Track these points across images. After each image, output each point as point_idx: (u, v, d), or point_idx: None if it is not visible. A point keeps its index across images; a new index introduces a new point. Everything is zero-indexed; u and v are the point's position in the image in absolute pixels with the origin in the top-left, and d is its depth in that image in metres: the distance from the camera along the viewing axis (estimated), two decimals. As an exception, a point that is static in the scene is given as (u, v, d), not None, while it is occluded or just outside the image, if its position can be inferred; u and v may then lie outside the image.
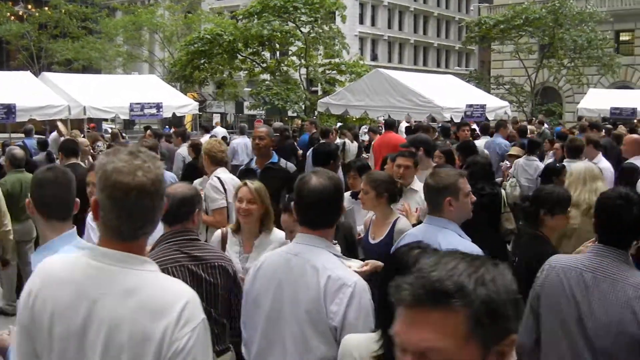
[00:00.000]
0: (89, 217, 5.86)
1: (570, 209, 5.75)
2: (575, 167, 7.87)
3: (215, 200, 7.89)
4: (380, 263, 5.80)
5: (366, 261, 5.87)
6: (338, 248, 5.11)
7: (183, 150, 15.38)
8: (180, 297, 2.56)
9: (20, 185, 9.85)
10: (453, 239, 4.75)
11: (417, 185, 7.57)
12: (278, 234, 5.82)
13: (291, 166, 9.43)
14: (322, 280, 3.65)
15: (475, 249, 4.68)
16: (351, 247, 6.28)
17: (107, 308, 2.50)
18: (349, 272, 3.80)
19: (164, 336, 2.46)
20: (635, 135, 12.67)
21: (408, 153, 8.15)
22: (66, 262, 2.68)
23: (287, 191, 8.17)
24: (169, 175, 10.33)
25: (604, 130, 18.41)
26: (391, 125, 16.22)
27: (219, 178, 8.08)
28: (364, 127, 29.73)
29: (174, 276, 3.87)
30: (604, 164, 10.37)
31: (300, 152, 17.94)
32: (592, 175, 7.39)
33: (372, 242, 6.17)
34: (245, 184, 5.93)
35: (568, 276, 4.21)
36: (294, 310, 3.73)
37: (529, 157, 12.81)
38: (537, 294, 4.39)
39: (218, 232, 6.15)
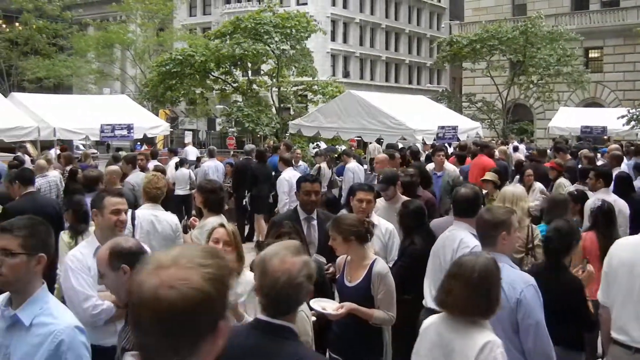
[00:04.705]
0: (68, 257, 5.77)
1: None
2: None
3: None
4: (356, 306, 5.80)
5: (342, 303, 5.86)
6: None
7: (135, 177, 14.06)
8: None
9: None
10: (509, 271, 5.09)
11: (375, 219, 7.67)
12: (248, 276, 5.75)
13: None
14: None
15: (528, 279, 5.20)
16: (322, 286, 6.21)
17: None
18: None
19: None
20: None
21: (367, 187, 8.14)
22: None
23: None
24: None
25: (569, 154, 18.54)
26: (483, 147, 16.36)
27: (132, 215, 7.80)
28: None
29: None
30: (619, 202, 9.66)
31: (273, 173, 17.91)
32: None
33: (348, 284, 6.08)
34: (222, 225, 5.86)
35: None
36: None
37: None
38: None
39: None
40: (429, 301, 6.71)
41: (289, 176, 14.46)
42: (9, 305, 3.91)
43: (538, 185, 13.22)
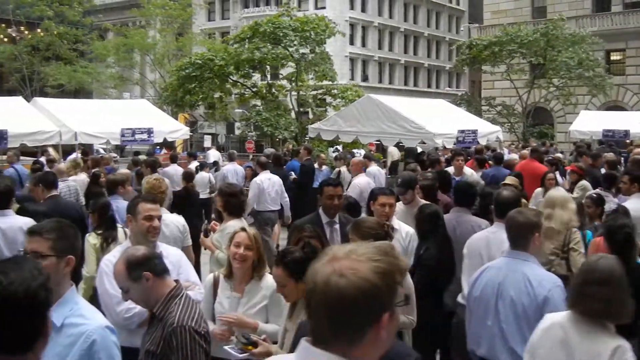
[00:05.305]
0: (103, 262, 5.88)
1: None
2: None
3: None
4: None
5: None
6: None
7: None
8: None
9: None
10: (539, 270, 5.50)
11: (396, 223, 7.70)
12: (270, 280, 5.76)
13: None
14: None
15: (557, 280, 5.49)
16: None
17: None
18: None
19: None
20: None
21: (389, 191, 8.15)
22: None
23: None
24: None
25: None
26: (534, 151, 16.47)
27: None
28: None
29: None
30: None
31: (294, 177, 17.94)
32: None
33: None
34: (244, 229, 5.88)
35: None
36: None
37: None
38: None
39: (210, 276, 6.11)
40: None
41: (260, 180, 15.05)
42: None
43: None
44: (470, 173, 14.75)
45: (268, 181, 15.34)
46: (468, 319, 6.01)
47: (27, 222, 7.28)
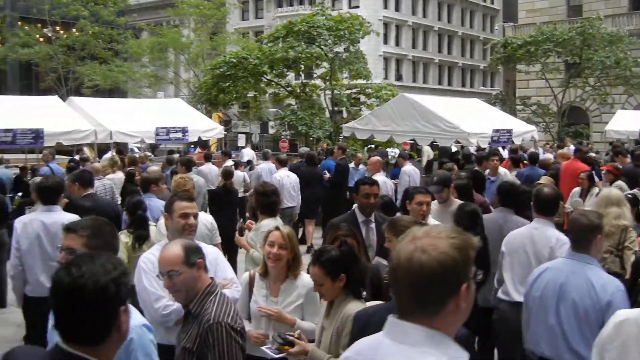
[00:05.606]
0: (141, 259, 5.92)
1: None
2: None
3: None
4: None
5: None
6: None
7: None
8: None
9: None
10: (601, 273, 5.50)
11: (432, 222, 7.67)
12: (306, 279, 5.74)
13: None
14: None
15: (619, 284, 5.44)
16: (378, 292, 6.17)
17: None
18: None
19: None
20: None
21: (425, 189, 8.19)
22: None
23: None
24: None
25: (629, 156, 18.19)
26: (577, 150, 16.53)
27: None
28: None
29: None
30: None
31: (328, 176, 17.92)
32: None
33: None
34: (278, 229, 5.87)
35: None
36: None
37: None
38: None
39: (246, 275, 6.13)
40: (515, 295, 6.98)
41: (280, 176, 15.74)
42: None
43: (596, 191, 13.00)
44: (504, 173, 14.64)
45: (287, 178, 15.83)
46: (525, 318, 6.02)
47: (70, 218, 7.35)
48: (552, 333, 5.62)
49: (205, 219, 8.24)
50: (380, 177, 14.25)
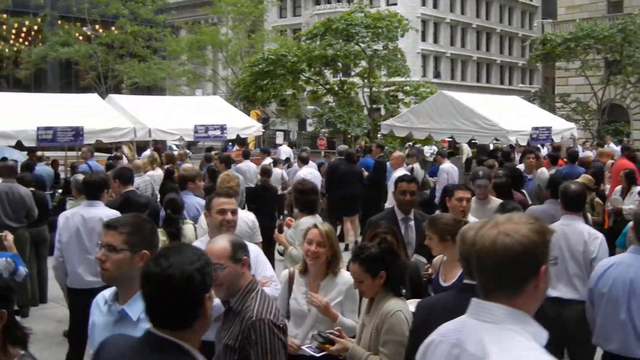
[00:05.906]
0: None
1: None
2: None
3: None
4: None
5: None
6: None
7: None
8: None
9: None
10: None
11: (472, 219, 7.57)
12: (345, 276, 5.75)
13: None
14: None
15: None
16: (417, 289, 6.16)
17: None
18: None
19: None
20: None
21: (464, 186, 8.25)
22: None
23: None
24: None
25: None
26: (625, 149, 16.80)
27: None
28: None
29: None
30: None
31: (366, 174, 17.86)
32: None
33: (443, 284, 6.03)
34: (316, 226, 5.87)
35: None
36: None
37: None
38: None
39: (285, 272, 6.15)
40: (549, 290, 6.88)
41: (304, 173, 16.04)
42: (116, 300, 4.00)
43: (637, 189, 12.85)
44: (541, 171, 14.53)
45: (310, 175, 16.00)
46: (591, 314, 6.07)
47: (109, 214, 7.47)
48: (624, 329, 5.63)
49: (247, 217, 8.27)
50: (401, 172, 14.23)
